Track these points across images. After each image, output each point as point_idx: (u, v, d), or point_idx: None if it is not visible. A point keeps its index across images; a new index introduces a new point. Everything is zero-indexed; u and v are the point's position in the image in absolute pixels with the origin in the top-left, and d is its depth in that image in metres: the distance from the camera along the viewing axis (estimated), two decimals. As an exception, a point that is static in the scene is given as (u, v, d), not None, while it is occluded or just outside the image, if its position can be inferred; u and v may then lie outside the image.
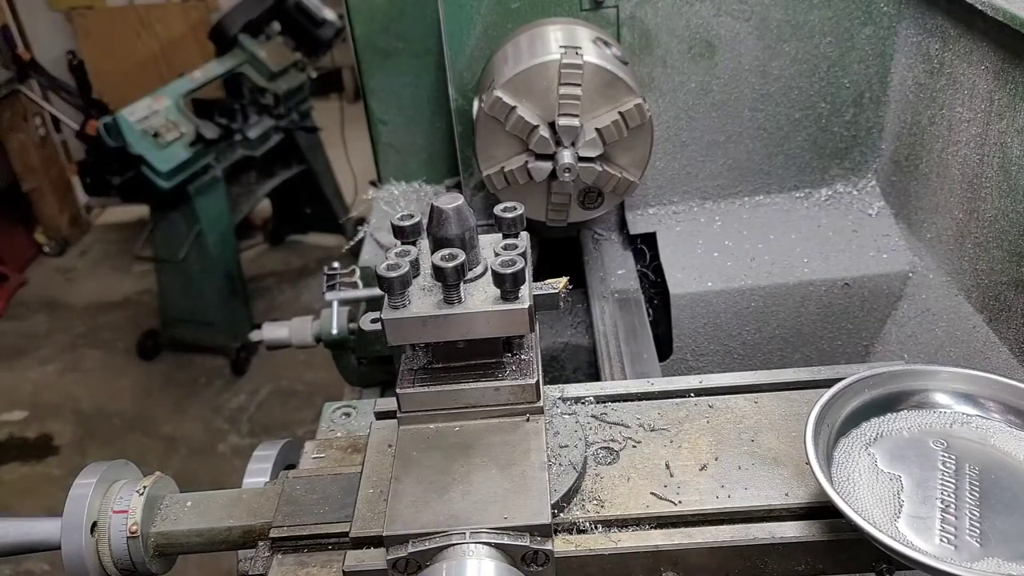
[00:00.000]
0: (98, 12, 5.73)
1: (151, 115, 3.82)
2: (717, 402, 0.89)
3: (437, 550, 0.70)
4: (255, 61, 4.27)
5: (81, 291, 4.93)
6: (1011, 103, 1.15)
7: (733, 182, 1.61)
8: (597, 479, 0.81)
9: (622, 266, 1.58)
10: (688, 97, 1.53)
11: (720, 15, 1.46)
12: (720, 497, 0.78)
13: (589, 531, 0.76)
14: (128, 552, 0.84)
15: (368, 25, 1.65)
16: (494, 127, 1.32)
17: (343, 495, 0.86)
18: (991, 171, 1.21)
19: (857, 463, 0.75)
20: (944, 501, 0.71)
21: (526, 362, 0.81)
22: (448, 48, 1.48)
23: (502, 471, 0.75)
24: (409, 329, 0.76)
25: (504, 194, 1.37)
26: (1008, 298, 1.19)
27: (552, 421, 0.84)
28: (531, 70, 1.29)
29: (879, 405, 0.80)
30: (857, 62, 1.49)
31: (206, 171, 3.98)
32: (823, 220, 1.57)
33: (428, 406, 0.80)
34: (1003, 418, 0.78)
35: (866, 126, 1.55)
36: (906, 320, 1.46)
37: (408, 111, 1.73)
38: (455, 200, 0.76)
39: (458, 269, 0.73)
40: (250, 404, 3.97)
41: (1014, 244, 1.17)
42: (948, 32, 1.30)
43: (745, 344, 1.54)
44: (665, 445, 0.84)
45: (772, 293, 1.49)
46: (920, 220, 1.45)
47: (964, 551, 0.67)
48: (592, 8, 1.45)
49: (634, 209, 1.63)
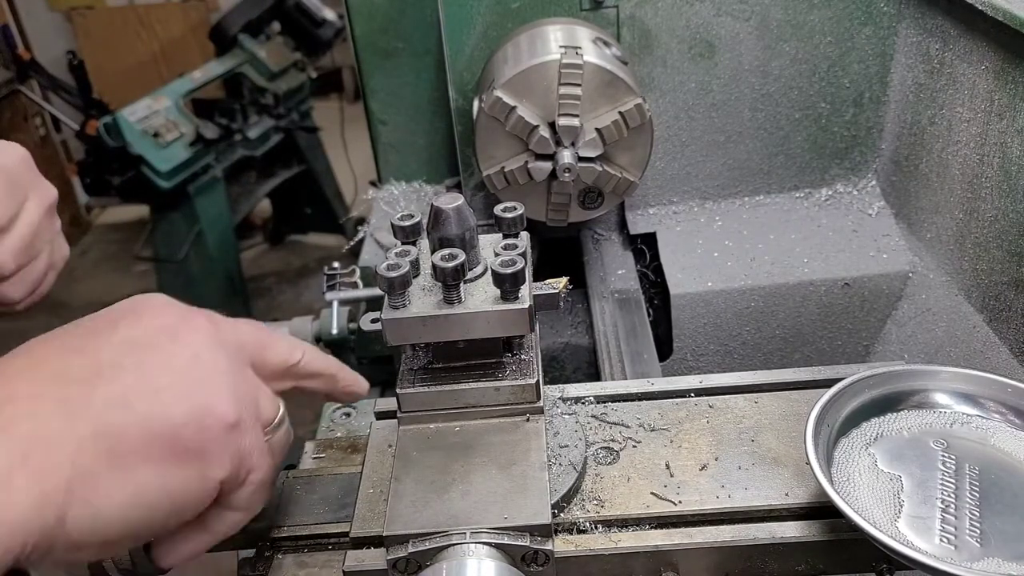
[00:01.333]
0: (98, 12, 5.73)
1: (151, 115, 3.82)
2: (717, 402, 0.89)
3: (437, 550, 0.70)
4: (255, 61, 4.27)
5: (81, 291, 4.92)
6: (1011, 103, 1.15)
7: (733, 182, 1.61)
8: (597, 479, 0.81)
9: (622, 266, 1.58)
10: (688, 97, 1.53)
11: (720, 15, 1.46)
12: (720, 497, 0.78)
13: (589, 531, 0.76)
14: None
15: (368, 25, 1.65)
16: (494, 127, 1.32)
17: (343, 495, 0.86)
18: (991, 171, 1.21)
19: (857, 463, 0.76)
20: (944, 501, 0.71)
21: (526, 362, 0.81)
22: (448, 48, 1.48)
23: (502, 471, 0.75)
24: (409, 329, 0.76)
25: (504, 194, 1.37)
26: (1008, 298, 1.19)
27: (552, 421, 0.84)
28: (531, 70, 1.29)
29: (879, 405, 0.80)
30: (857, 62, 1.49)
31: (206, 171, 3.98)
32: (823, 220, 1.57)
33: (428, 406, 0.80)
34: (1003, 418, 0.78)
35: (866, 126, 1.55)
36: (906, 320, 1.46)
37: (408, 111, 1.73)
38: (455, 200, 0.76)
39: (458, 269, 0.73)
40: (250, 404, 3.96)
41: (1014, 244, 1.17)
42: (948, 32, 1.30)
43: (745, 344, 1.54)
44: (665, 445, 0.84)
45: (772, 293, 1.49)
46: (920, 220, 1.45)
47: (964, 551, 0.67)
48: (592, 8, 1.45)
49: (634, 209, 1.63)
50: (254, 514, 0.75)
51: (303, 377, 0.82)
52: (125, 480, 0.61)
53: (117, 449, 0.61)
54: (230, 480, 0.69)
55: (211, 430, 0.66)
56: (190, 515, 0.68)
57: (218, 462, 0.67)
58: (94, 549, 0.62)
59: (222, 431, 0.67)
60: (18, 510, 0.55)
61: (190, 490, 0.66)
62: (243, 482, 0.71)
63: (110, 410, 0.62)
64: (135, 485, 0.62)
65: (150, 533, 0.66)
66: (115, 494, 0.61)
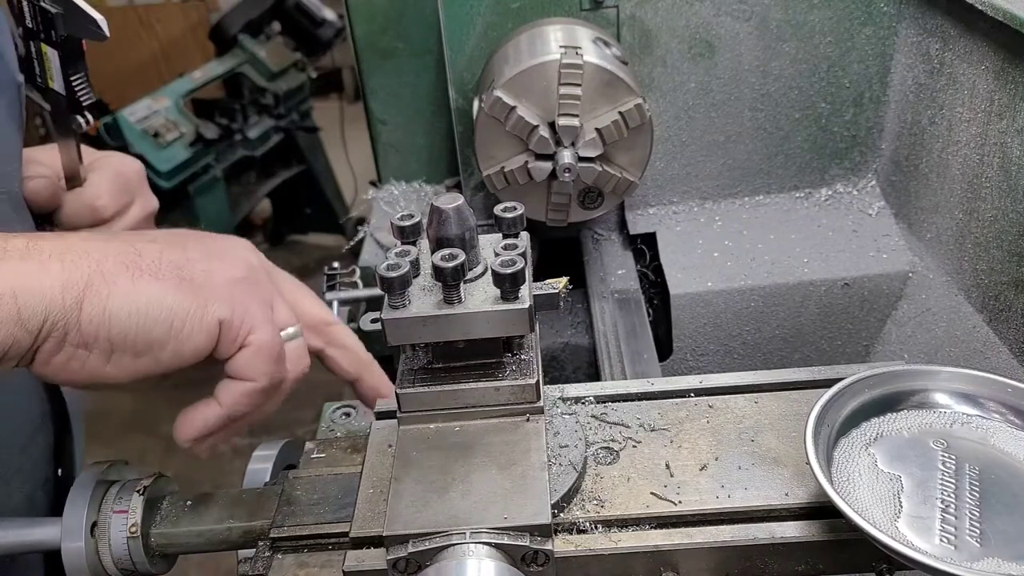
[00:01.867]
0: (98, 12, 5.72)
1: (151, 115, 3.83)
2: (717, 402, 0.89)
3: (437, 550, 0.70)
4: (255, 61, 4.28)
5: (81, 291, 4.91)
6: (1011, 103, 1.15)
7: (733, 182, 1.61)
8: (597, 479, 0.81)
9: (622, 266, 1.58)
10: (688, 97, 1.53)
11: (720, 15, 1.46)
12: (720, 497, 0.78)
13: (589, 531, 0.76)
14: (128, 552, 0.84)
15: (368, 25, 1.65)
16: (494, 127, 1.32)
17: (343, 495, 0.86)
18: (991, 171, 1.21)
19: (857, 463, 0.75)
20: (944, 501, 0.71)
21: (526, 362, 0.81)
22: (448, 48, 1.48)
23: (502, 471, 0.75)
24: (409, 329, 0.76)
25: (504, 194, 1.37)
26: (1008, 298, 1.19)
27: (552, 421, 0.84)
28: (531, 70, 1.29)
29: (879, 405, 0.80)
30: (857, 62, 1.49)
31: (206, 171, 3.99)
32: (823, 220, 1.57)
33: (428, 406, 0.80)
34: (1003, 418, 0.78)
35: (866, 126, 1.55)
36: (906, 320, 1.46)
37: (408, 111, 1.73)
38: (455, 200, 0.76)
39: (458, 269, 0.73)
40: (250, 404, 3.96)
41: (1014, 244, 1.17)
42: (948, 32, 1.30)
43: (745, 344, 1.54)
44: (665, 445, 0.84)
45: (772, 293, 1.49)
46: (920, 220, 1.45)
47: (964, 551, 0.67)
48: (592, 8, 1.45)
49: (634, 209, 1.63)
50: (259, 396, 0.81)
51: (333, 344, 0.92)
52: (135, 288, 0.73)
53: (135, 263, 0.74)
54: (229, 328, 0.77)
55: (217, 274, 0.78)
56: (190, 351, 0.76)
57: (218, 301, 0.76)
58: (99, 352, 0.72)
59: (227, 279, 0.79)
60: (48, 283, 0.68)
61: (190, 317, 0.75)
62: (244, 342, 0.78)
63: (140, 243, 0.77)
64: (142, 295, 0.73)
65: (148, 347, 0.74)
66: (124, 296, 0.72)
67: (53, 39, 0.92)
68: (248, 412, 0.83)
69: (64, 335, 0.70)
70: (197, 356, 0.77)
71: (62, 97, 0.96)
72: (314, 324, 0.91)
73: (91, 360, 0.72)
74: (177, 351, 0.75)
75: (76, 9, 0.90)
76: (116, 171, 1.06)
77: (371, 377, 0.96)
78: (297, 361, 0.86)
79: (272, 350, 0.80)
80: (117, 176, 1.06)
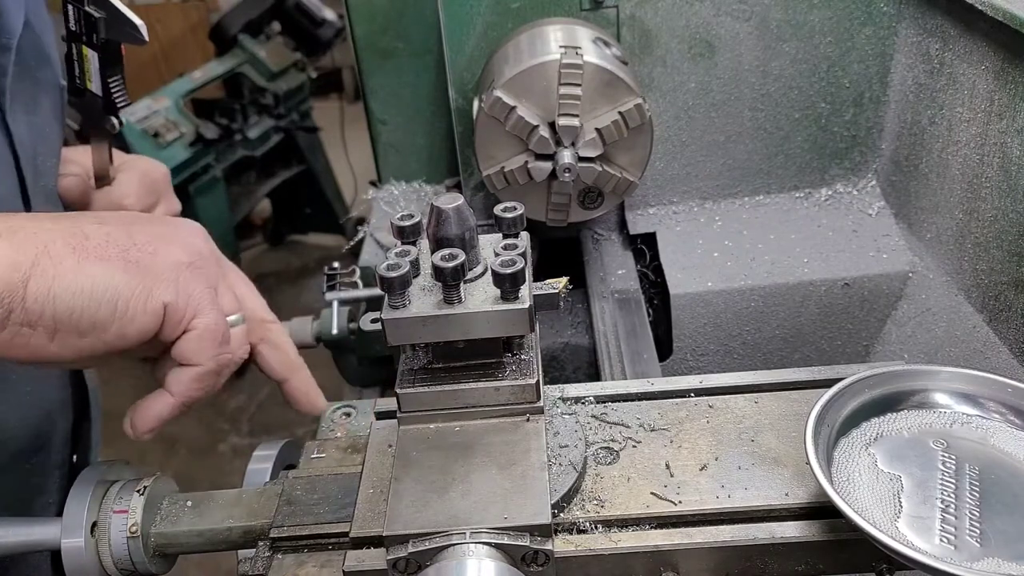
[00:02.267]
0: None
1: (151, 115, 3.83)
2: (717, 402, 0.89)
3: (437, 550, 0.70)
4: (255, 61, 4.28)
5: (81, 291, 4.92)
6: (1011, 103, 1.15)
7: (733, 182, 1.61)
8: (597, 479, 0.81)
9: (622, 266, 1.58)
10: (688, 97, 1.53)
11: (720, 15, 1.46)
12: (720, 497, 0.78)
13: (589, 531, 0.76)
14: (128, 552, 0.84)
15: (368, 25, 1.65)
16: (494, 127, 1.33)
17: (343, 495, 0.86)
18: (991, 171, 1.21)
19: (857, 463, 0.76)
20: (944, 501, 0.71)
21: (526, 362, 0.81)
22: (448, 48, 1.48)
23: (502, 471, 0.75)
24: (409, 329, 0.76)
25: (504, 194, 1.37)
26: (1008, 298, 1.19)
27: (552, 421, 0.84)
28: (531, 70, 1.29)
29: (879, 405, 0.80)
30: (857, 62, 1.49)
31: (206, 171, 3.98)
32: (823, 220, 1.57)
33: (428, 406, 0.80)
34: (1003, 418, 0.78)
35: (866, 126, 1.55)
36: (906, 320, 1.46)
37: (408, 111, 1.73)
38: (455, 200, 0.76)
39: (458, 269, 0.73)
40: (250, 404, 3.97)
41: (1014, 244, 1.17)
42: (948, 32, 1.30)
43: (745, 344, 1.54)
44: (665, 445, 0.84)
45: (772, 293, 1.49)
46: (920, 220, 1.45)
47: (964, 551, 0.67)
48: (592, 8, 1.45)
49: (634, 209, 1.63)
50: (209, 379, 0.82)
51: (267, 341, 0.92)
52: (80, 270, 0.73)
53: (81, 245, 0.75)
54: (175, 311, 0.78)
55: (161, 257, 0.79)
56: (134, 332, 0.77)
57: (164, 284, 0.78)
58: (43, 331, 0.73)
59: (172, 263, 0.79)
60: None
61: (135, 299, 0.76)
62: (189, 326, 0.79)
63: (88, 225, 0.77)
64: (88, 276, 0.74)
65: (92, 328, 0.75)
66: (70, 277, 0.73)
67: (94, 42, 0.93)
68: (199, 397, 0.83)
69: (8, 313, 0.70)
70: (142, 337, 0.78)
71: (99, 98, 0.98)
72: (253, 319, 0.91)
73: (35, 338, 0.73)
74: (121, 332, 0.76)
75: (118, 14, 0.92)
76: (144, 173, 1.11)
77: (299, 381, 0.94)
78: (236, 348, 0.86)
79: (216, 333, 0.81)
80: (144, 177, 1.11)
